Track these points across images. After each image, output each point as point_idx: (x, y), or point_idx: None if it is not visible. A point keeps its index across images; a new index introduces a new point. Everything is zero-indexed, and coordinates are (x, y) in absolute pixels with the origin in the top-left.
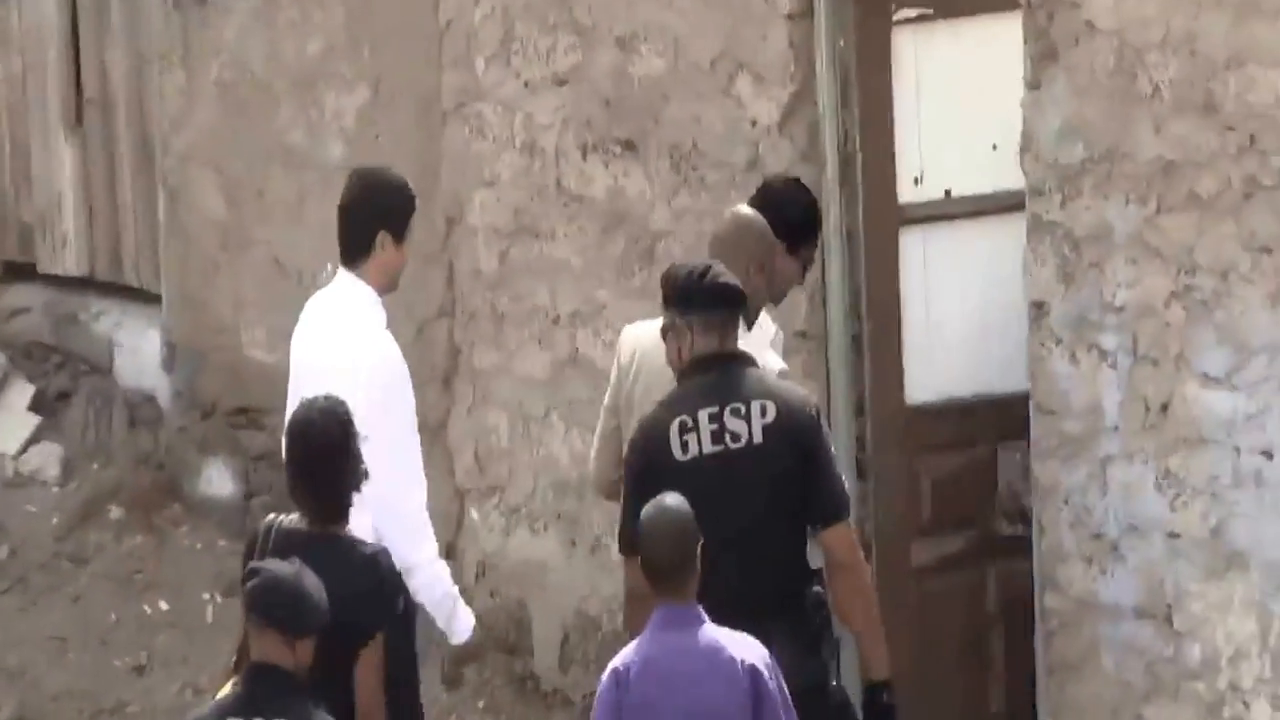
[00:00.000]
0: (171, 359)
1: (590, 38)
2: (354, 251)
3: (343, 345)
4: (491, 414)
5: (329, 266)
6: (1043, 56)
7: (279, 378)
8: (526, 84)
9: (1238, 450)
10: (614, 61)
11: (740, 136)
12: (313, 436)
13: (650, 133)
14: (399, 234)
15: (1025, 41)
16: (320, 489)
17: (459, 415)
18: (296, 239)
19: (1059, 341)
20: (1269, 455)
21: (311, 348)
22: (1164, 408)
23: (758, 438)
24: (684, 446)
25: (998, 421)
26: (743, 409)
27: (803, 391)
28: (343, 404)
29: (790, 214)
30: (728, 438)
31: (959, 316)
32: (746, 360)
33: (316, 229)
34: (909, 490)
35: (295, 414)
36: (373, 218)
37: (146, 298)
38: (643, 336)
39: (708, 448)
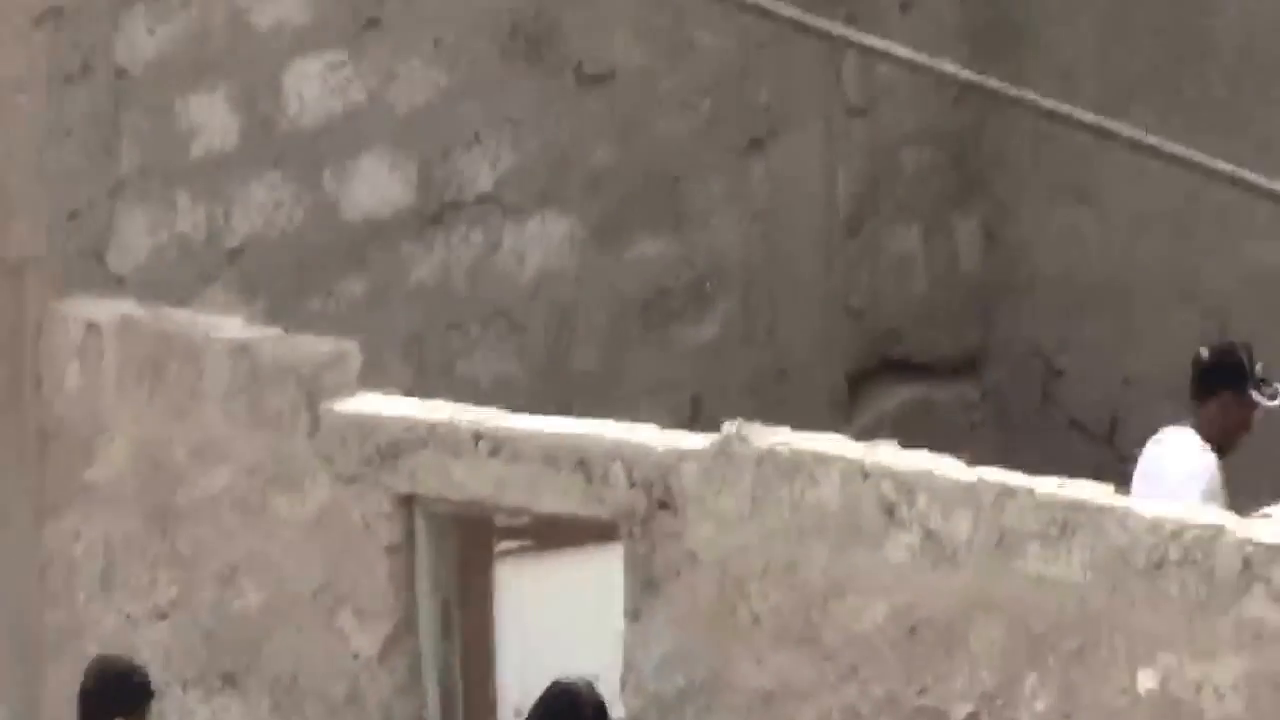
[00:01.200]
0: None
1: (191, 570)
2: None
3: None
4: None
5: None
6: (643, 587)
7: None
8: (129, 618)
9: None
10: (215, 595)
11: (341, 669)
12: None
13: (251, 666)
14: None
15: (626, 572)
16: None
17: None
18: None
19: None
20: None
21: None
22: None
23: None
24: None
25: None
26: None
27: None
28: None
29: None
30: None
31: None
32: None
33: None
34: None
35: None
36: (113, 702)
37: None
38: None
39: None
